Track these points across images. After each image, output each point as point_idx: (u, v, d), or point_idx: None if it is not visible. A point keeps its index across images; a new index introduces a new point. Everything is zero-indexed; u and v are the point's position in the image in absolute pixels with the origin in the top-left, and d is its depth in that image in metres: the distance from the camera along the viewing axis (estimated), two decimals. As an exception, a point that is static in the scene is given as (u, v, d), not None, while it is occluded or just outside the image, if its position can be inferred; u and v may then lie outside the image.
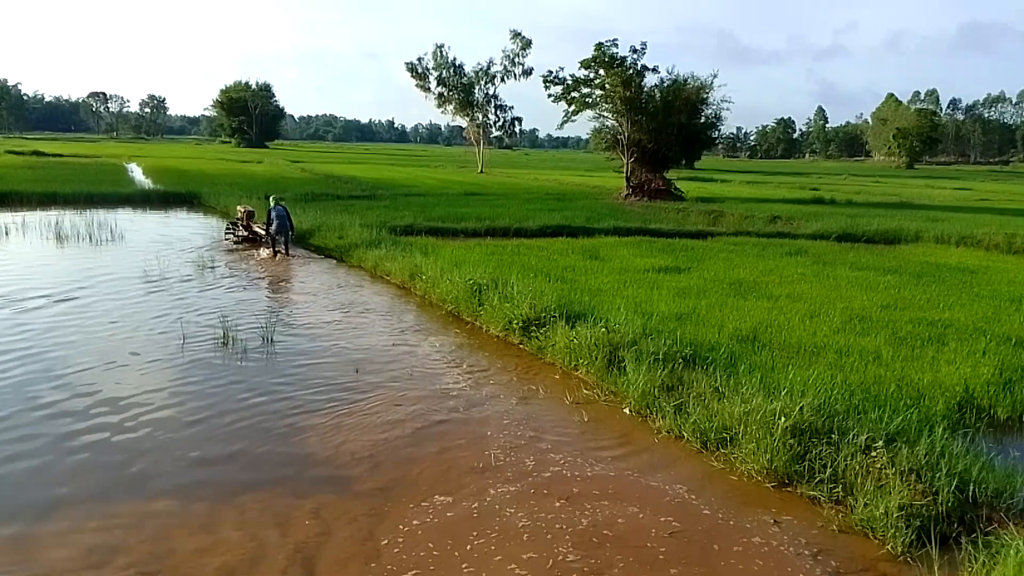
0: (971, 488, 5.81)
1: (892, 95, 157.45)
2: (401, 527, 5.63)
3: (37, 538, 5.38)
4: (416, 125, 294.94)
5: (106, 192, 30.61)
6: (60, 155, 59.86)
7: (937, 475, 5.80)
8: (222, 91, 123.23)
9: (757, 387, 7.42)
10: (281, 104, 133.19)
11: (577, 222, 23.99)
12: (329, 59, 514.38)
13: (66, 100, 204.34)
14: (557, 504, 6.07)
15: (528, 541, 5.50)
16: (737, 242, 21.54)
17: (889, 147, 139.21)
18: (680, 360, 8.51)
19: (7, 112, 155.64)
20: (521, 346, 10.60)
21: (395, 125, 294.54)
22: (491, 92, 67.75)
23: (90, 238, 19.72)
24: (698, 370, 8.29)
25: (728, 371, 8.16)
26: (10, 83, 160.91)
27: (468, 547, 5.39)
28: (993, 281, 15.72)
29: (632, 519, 5.86)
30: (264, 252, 18.48)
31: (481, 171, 64.00)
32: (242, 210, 20.68)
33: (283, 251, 18.25)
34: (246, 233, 19.97)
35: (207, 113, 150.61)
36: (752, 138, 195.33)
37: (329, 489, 6.25)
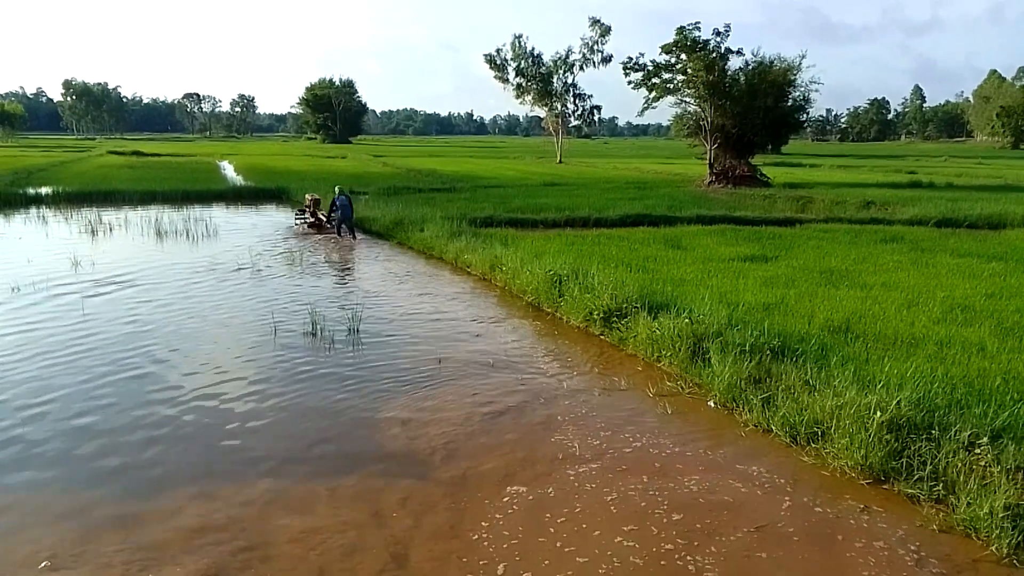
0: (1087, 489, 5.44)
1: (995, 71, 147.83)
2: (495, 515, 5.71)
3: (143, 516, 5.71)
4: (495, 116, 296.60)
5: (201, 190, 32.00)
6: (158, 155, 63.05)
7: (1049, 475, 5.46)
8: (307, 88, 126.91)
9: (850, 380, 7.16)
10: (363, 100, 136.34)
11: (658, 211, 23.58)
12: (408, 52, 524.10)
13: (162, 102, 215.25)
14: (645, 479, 6.16)
15: (622, 516, 5.50)
16: (827, 229, 20.75)
17: (992, 126, 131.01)
18: (768, 352, 8.28)
19: (108, 114, 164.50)
20: (602, 337, 10.54)
21: (474, 117, 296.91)
22: (569, 81, 67.23)
23: (187, 233, 20.69)
24: (787, 362, 8.05)
25: (819, 363, 7.90)
26: (111, 86, 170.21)
27: (555, 530, 5.41)
28: (1112, 267, 14.60)
29: (728, 491, 5.78)
30: (331, 237, 20.55)
31: (560, 161, 63.78)
32: (309, 198, 22.74)
33: (349, 235, 20.29)
34: (313, 219, 21.99)
35: (293, 111, 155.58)
36: (843, 120, 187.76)
37: (417, 475, 6.39)
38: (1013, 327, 9.80)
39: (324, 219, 21.56)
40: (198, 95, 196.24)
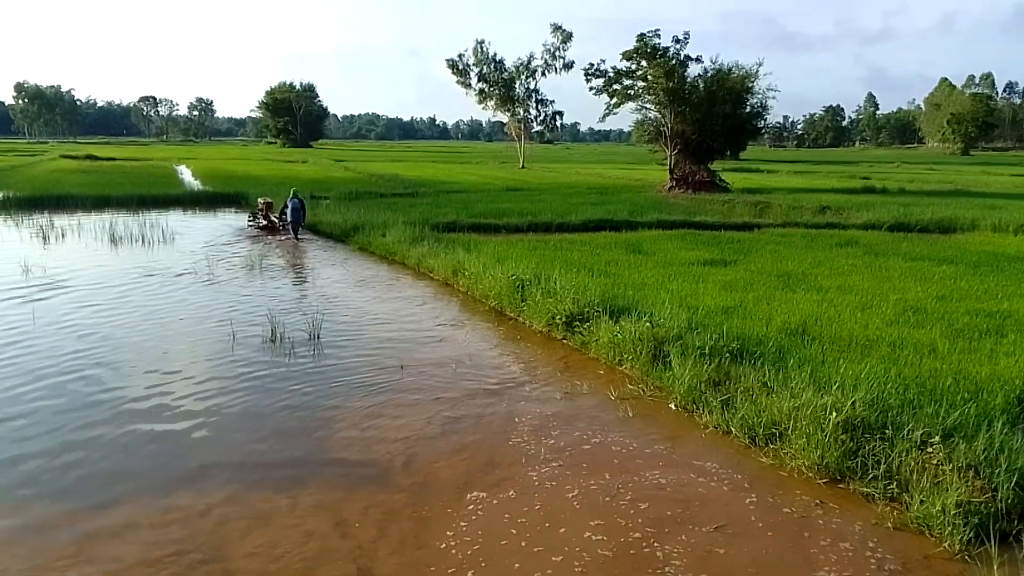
0: (1034, 485, 5.61)
1: (945, 79, 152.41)
2: (460, 522, 5.68)
3: (97, 531, 5.55)
4: (457, 122, 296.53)
5: (157, 194, 31.38)
6: (113, 159, 61.60)
7: (996, 471, 5.64)
8: (267, 92, 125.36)
9: (807, 382, 7.28)
10: (325, 104, 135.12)
11: (620, 216, 23.80)
12: (370, 57, 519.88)
13: (118, 104, 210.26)
14: (607, 476, 6.19)
15: (587, 512, 5.51)
16: (785, 234, 21.13)
17: (943, 133, 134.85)
18: (727, 354, 8.39)
19: (61, 117, 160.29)
20: (564, 341, 10.57)
21: (436, 122, 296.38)
22: (532, 86, 67.73)
23: (142, 239, 20.25)
24: (746, 364, 8.16)
25: (777, 365, 8.01)
26: (64, 89, 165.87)
27: (520, 531, 5.40)
28: (1055, 270, 15.11)
29: (689, 489, 5.83)
30: (280, 237, 21.21)
31: (522, 166, 63.98)
32: (262, 201, 23.51)
33: (295, 237, 20.99)
34: (265, 221, 22.62)
35: (253, 114, 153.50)
36: (799, 127, 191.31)
37: (379, 483, 6.33)
38: (963, 328, 10.06)
39: (277, 221, 22.24)
40: (154, 98, 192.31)
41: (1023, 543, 5.16)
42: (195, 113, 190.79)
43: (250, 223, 23.13)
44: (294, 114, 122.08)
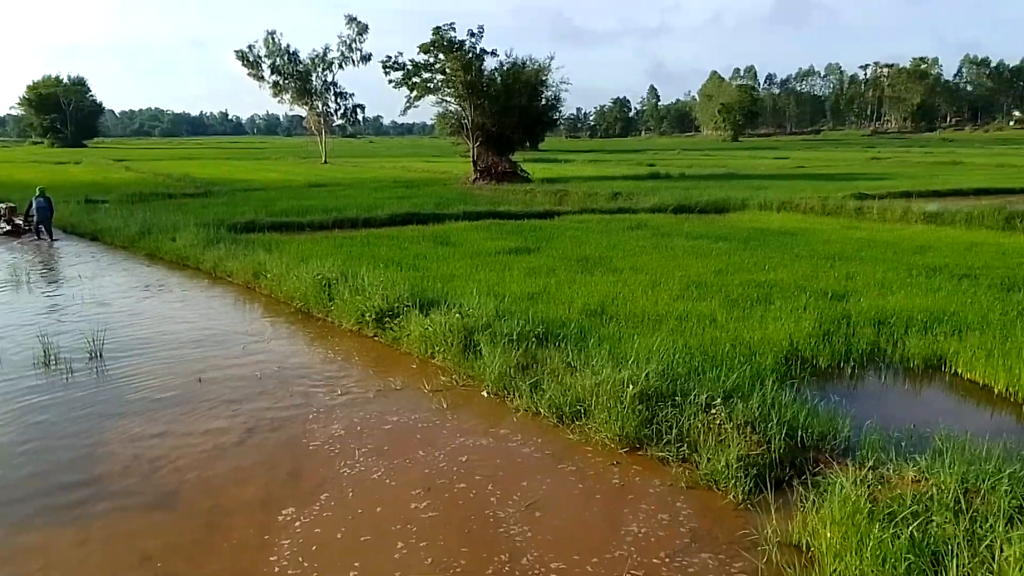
0: (799, 434, 6.34)
1: (715, 72, 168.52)
2: (281, 540, 5.39)
3: None
4: (252, 116, 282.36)
5: None
6: None
7: (769, 425, 6.28)
8: (29, 87, 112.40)
9: (606, 358, 7.70)
10: (99, 99, 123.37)
11: (427, 209, 23.94)
12: (151, 48, 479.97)
13: None
14: (426, 472, 6.10)
15: (410, 499, 5.45)
16: (582, 220, 22.27)
17: (716, 122, 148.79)
18: (533, 339, 8.68)
19: None
20: (376, 338, 10.44)
21: (229, 117, 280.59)
22: (329, 79, 66.02)
23: None
24: (551, 347, 8.50)
25: (579, 346, 8.40)
26: None
27: (346, 536, 5.25)
28: (811, 241, 17.20)
29: (502, 467, 5.96)
30: (30, 239, 20.56)
31: (325, 161, 62.24)
32: (4, 206, 23.03)
33: (48, 238, 20.36)
34: (8, 226, 22.05)
35: (14, 112, 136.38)
36: (592, 118, 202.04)
37: (172, 512, 5.88)
38: (738, 299, 11.15)
39: (23, 224, 21.55)
40: None
41: (794, 488, 5.78)
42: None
43: None
44: (63, 110, 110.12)
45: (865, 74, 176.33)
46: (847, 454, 6.22)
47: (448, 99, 40.16)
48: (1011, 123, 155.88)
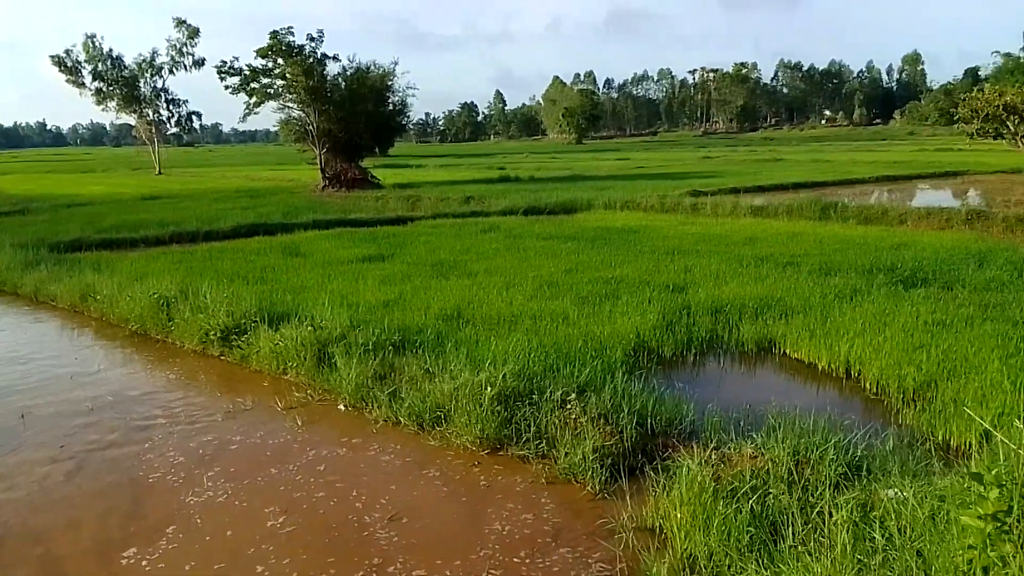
0: (649, 422, 6.66)
1: (557, 77, 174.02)
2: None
3: None
4: (75, 125, 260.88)
5: None
6: None
7: (621, 416, 6.55)
8: None
9: (464, 362, 7.72)
10: None
11: (274, 219, 23.11)
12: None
13: None
14: (281, 489, 5.86)
15: (270, 516, 5.19)
16: (436, 225, 22.25)
17: (560, 125, 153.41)
18: (390, 347, 8.58)
19: None
20: (223, 358, 9.92)
21: (48, 127, 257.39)
22: (159, 85, 62.10)
23: None
24: (408, 355, 8.42)
25: (436, 351, 8.38)
26: None
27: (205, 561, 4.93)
28: (652, 238, 18.09)
29: (362, 483, 5.83)
30: None
31: (159, 172, 58.57)
32: None
33: None
34: None
35: None
36: (441, 123, 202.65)
37: (3, 564, 5.32)
38: (588, 296, 11.53)
39: None
40: None
41: (647, 474, 6.05)
42: None
43: None
44: None
45: (694, 78, 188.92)
46: (692, 437, 6.58)
47: (290, 105, 38.87)
48: (823, 121, 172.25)
